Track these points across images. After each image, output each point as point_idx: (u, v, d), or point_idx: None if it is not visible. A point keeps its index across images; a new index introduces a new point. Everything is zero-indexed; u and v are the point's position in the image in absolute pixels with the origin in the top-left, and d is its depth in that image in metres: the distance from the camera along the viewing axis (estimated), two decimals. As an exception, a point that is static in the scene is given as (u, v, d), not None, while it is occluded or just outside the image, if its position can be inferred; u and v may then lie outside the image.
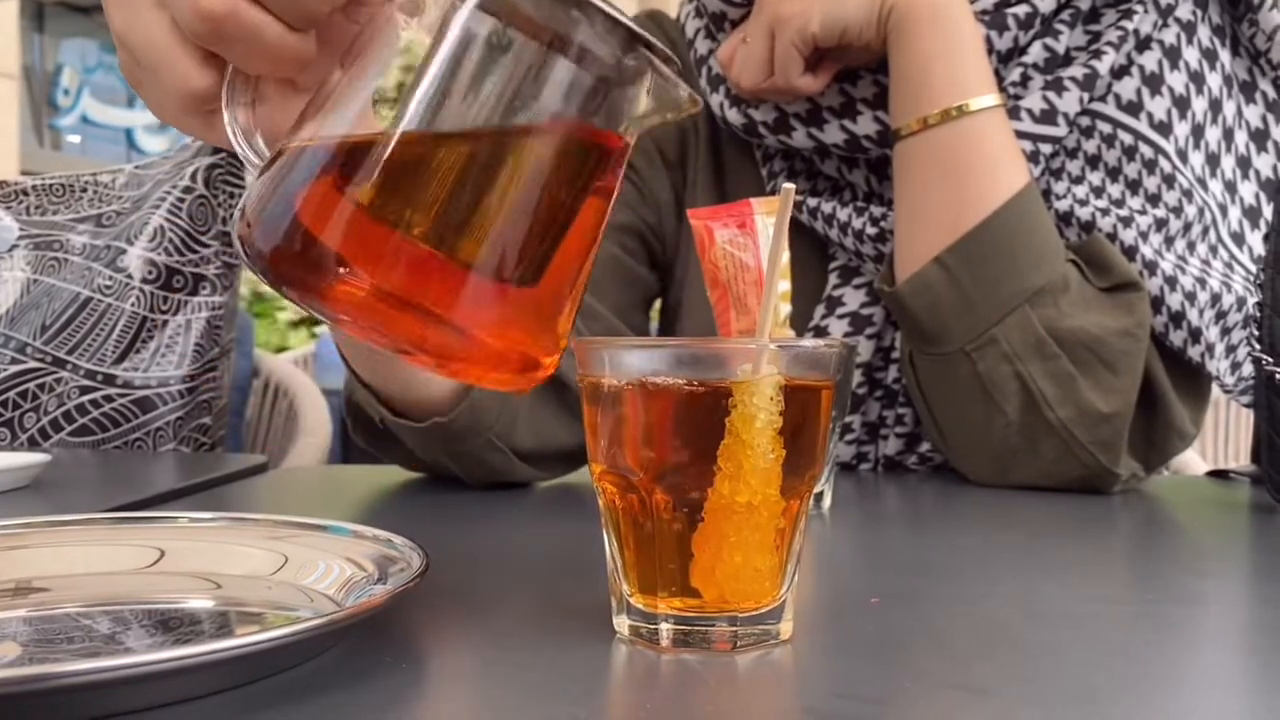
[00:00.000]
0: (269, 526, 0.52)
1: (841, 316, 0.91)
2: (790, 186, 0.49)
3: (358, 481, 0.89)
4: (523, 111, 0.38)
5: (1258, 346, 0.76)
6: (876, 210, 0.90)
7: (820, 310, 0.93)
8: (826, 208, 0.92)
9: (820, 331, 0.91)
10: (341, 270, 0.36)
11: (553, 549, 0.62)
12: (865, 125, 0.90)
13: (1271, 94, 0.93)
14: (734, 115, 0.95)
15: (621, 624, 0.42)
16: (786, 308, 0.71)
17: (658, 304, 1.10)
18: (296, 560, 0.48)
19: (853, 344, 0.76)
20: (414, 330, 0.37)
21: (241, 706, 0.34)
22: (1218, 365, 0.88)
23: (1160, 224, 0.86)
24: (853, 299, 0.92)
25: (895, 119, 0.85)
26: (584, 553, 0.57)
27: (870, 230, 0.90)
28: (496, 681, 0.38)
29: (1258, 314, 0.77)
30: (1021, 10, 0.87)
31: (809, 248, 0.95)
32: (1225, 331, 0.88)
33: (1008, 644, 0.42)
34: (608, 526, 0.43)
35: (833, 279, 0.94)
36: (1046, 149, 0.86)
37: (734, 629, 0.41)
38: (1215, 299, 0.86)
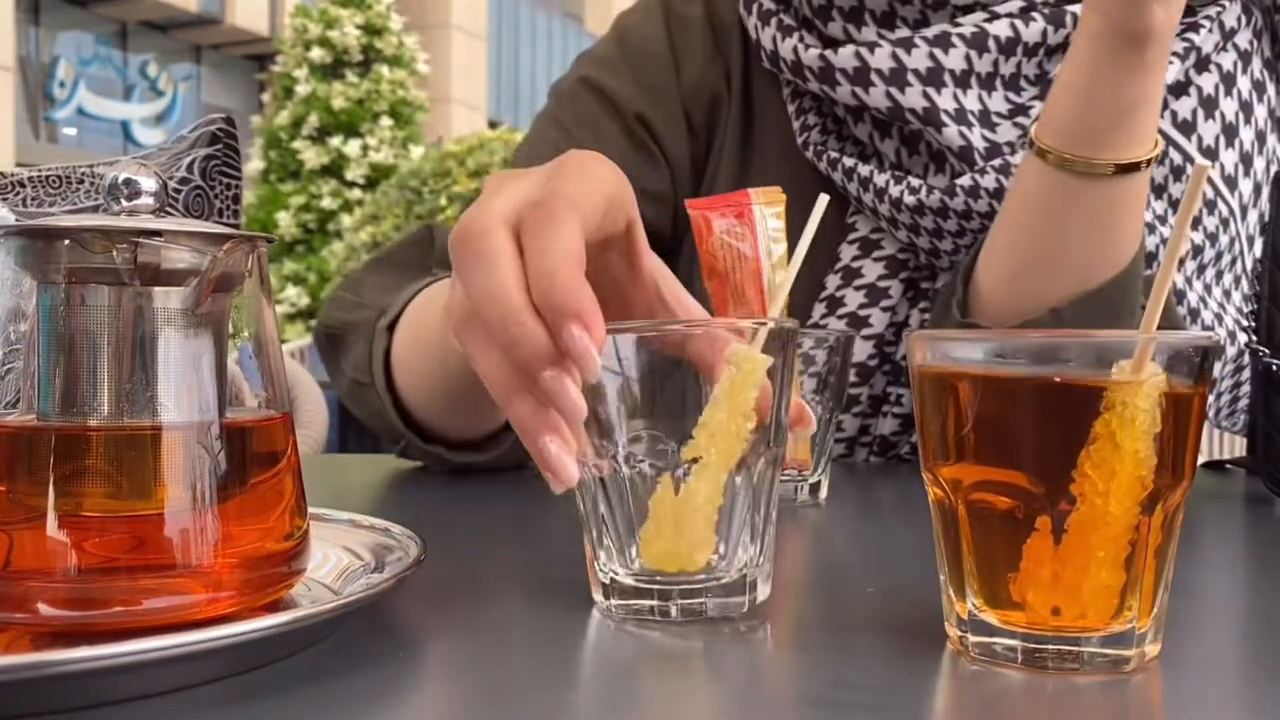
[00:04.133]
0: (266, 516, 0.51)
1: (859, 288, 0.91)
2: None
3: (354, 471, 0.89)
4: (151, 355, 0.38)
5: (1254, 338, 0.76)
6: (915, 181, 0.88)
7: (836, 280, 0.92)
8: (864, 170, 0.90)
9: (834, 302, 0.91)
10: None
11: (549, 537, 0.62)
12: (913, 98, 0.87)
13: None
14: (785, 49, 0.92)
15: (953, 634, 0.40)
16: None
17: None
18: (294, 549, 0.48)
19: (852, 334, 0.76)
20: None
21: (239, 694, 0.34)
22: (1213, 404, 0.88)
23: (1196, 250, 0.86)
24: (871, 271, 0.91)
25: (1058, 141, 0.74)
26: (580, 541, 0.57)
27: (909, 199, 0.87)
28: (493, 668, 0.38)
29: (1254, 305, 0.77)
30: (1080, 9, 0.86)
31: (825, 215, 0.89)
32: (1239, 369, 0.88)
33: (1004, 632, 0.42)
34: (949, 533, 0.40)
35: (852, 250, 0.92)
36: None
37: (1086, 650, 0.38)
38: (1232, 336, 0.86)
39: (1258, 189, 0.90)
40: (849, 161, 0.91)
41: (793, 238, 0.71)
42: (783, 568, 0.56)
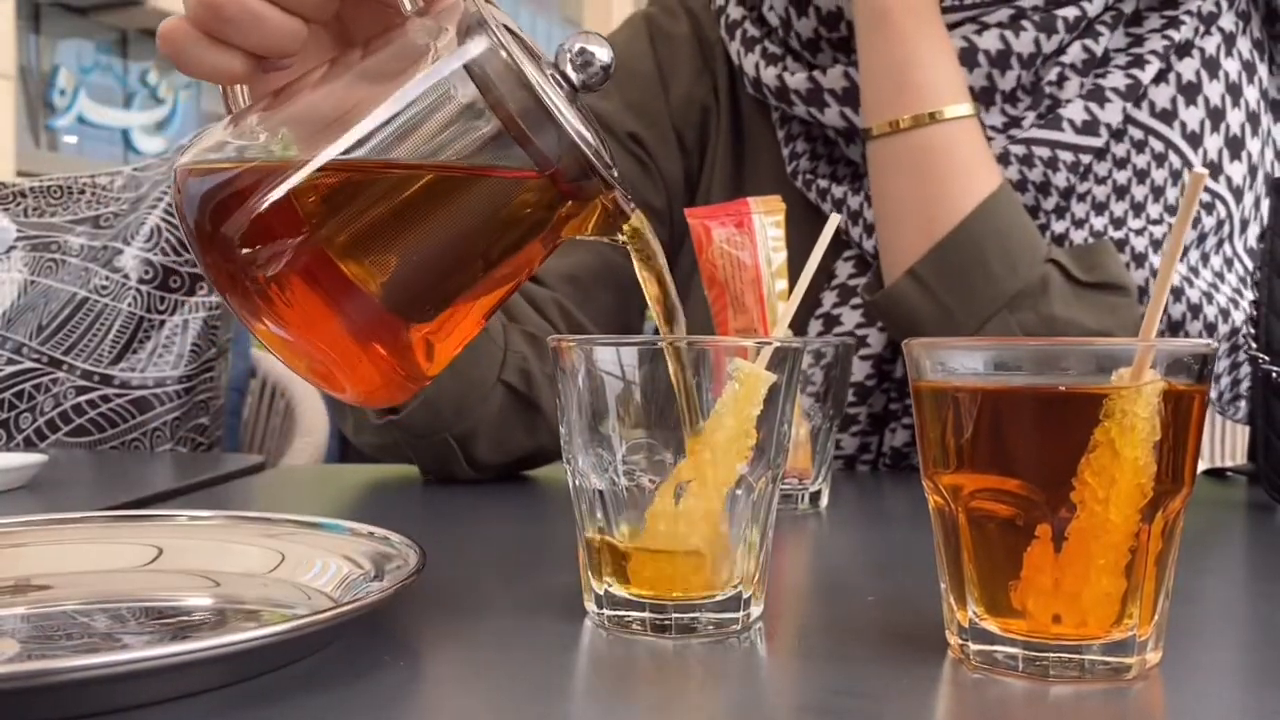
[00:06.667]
0: (266, 524, 0.52)
1: (855, 307, 0.90)
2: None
3: (354, 480, 0.89)
4: (461, 166, 0.42)
5: (1254, 345, 0.76)
6: None
7: (833, 298, 0.92)
8: (854, 202, 0.90)
9: (831, 319, 0.91)
10: (244, 253, 0.40)
11: (549, 545, 0.62)
12: None
13: None
14: (769, 76, 0.92)
15: (954, 642, 0.40)
16: (780, 306, 0.71)
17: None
18: (294, 558, 0.48)
19: (851, 343, 0.76)
20: (303, 335, 0.41)
21: (238, 703, 0.34)
22: (1214, 389, 0.88)
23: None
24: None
25: (865, 118, 0.84)
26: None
27: None
28: (493, 678, 0.38)
29: (1254, 313, 0.77)
30: (1071, 13, 0.85)
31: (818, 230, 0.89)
32: (1234, 349, 0.87)
33: (1004, 640, 0.42)
34: (950, 541, 0.40)
35: (847, 267, 0.92)
36: (1086, 159, 0.85)
37: (1087, 658, 0.37)
38: (1224, 314, 0.86)
39: (1253, 171, 0.89)
40: (838, 191, 0.91)
41: (790, 252, 0.71)
42: (783, 576, 0.56)
